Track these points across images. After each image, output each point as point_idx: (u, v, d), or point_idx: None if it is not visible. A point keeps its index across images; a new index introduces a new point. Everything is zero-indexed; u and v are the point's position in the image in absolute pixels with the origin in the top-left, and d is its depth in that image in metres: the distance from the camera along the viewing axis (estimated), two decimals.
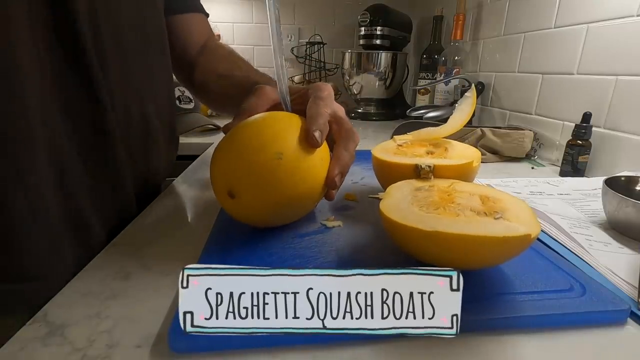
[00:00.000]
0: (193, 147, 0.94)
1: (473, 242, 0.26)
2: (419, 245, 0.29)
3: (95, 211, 0.38)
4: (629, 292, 0.31)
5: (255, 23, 1.49)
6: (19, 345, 0.24)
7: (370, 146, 0.49)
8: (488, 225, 0.27)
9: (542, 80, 0.79)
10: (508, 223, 0.27)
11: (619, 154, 0.61)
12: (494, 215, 0.29)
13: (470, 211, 0.30)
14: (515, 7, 0.88)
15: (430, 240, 0.27)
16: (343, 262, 0.32)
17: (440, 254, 0.28)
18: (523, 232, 0.26)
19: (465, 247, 0.26)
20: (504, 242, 0.26)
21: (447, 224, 0.27)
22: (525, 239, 0.26)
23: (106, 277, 0.31)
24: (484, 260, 0.29)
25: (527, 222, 0.28)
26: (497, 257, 0.28)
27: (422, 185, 0.35)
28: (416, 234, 0.27)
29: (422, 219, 0.28)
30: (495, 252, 0.27)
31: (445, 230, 0.26)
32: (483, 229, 0.26)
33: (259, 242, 0.36)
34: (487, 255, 0.28)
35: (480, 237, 0.25)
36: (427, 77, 1.25)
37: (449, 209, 0.30)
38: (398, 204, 0.31)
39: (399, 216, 0.29)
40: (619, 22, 0.61)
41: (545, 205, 0.48)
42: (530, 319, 0.27)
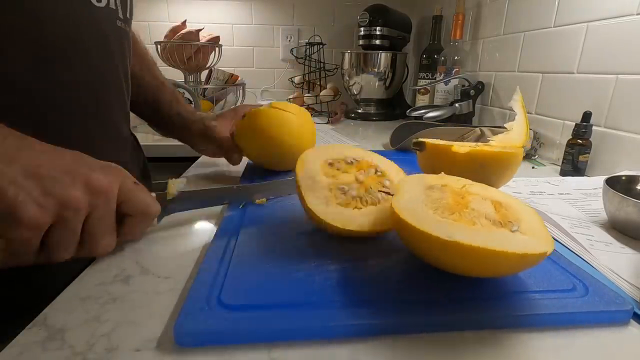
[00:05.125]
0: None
1: (491, 256, 0.26)
2: (433, 252, 0.29)
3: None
4: (631, 292, 0.31)
5: (254, 24, 1.49)
6: (19, 349, 0.24)
7: (370, 146, 0.49)
8: (506, 239, 0.27)
9: (542, 79, 0.79)
10: (526, 238, 0.27)
11: (619, 153, 0.61)
12: (510, 227, 0.28)
13: (485, 219, 0.29)
14: (514, 6, 0.88)
15: (447, 250, 0.26)
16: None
17: (455, 263, 0.28)
18: (541, 250, 0.26)
19: (483, 260, 0.26)
20: (522, 259, 0.26)
21: (466, 235, 0.26)
22: (542, 256, 0.26)
23: (105, 280, 0.31)
24: (497, 272, 0.29)
25: (543, 237, 0.28)
26: (512, 270, 0.29)
27: (434, 183, 0.35)
28: (433, 242, 0.27)
29: (439, 225, 0.27)
30: (511, 267, 0.27)
31: (465, 241, 0.25)
32: (502, 243, 0.26)
33: (260, 241, 0.36)
34: (502, 269, 0.28)
35: (499, 252, 0.25)
36: (426, 77, 1.24)
37: (464, 215, 0.30)
38: (411, 204, 0.30)
39: (415, 219, 0.28)
40: (619, 21, 0.61)
41: (546, 205, 0.48)
42: (533, 318, 0.26)
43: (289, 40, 1.51)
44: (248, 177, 0.58)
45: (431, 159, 0.48)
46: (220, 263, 0.32)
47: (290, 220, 0.42)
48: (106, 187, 0.29)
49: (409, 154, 0.75)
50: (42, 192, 0.26)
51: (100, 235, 0.30)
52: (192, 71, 1.24)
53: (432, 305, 0.27)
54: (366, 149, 0.42)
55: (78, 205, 0.27)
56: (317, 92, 1.38)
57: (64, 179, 0.27)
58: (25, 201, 0.25)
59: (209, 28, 1.38)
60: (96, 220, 0.29)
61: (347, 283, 0.29)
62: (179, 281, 0.31)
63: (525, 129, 0.49)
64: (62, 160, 0.28)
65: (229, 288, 0.28)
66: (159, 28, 1.38)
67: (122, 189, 0.30)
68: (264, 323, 0.25)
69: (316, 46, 1.37)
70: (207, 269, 0.31)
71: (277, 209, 0.45)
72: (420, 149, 0.48)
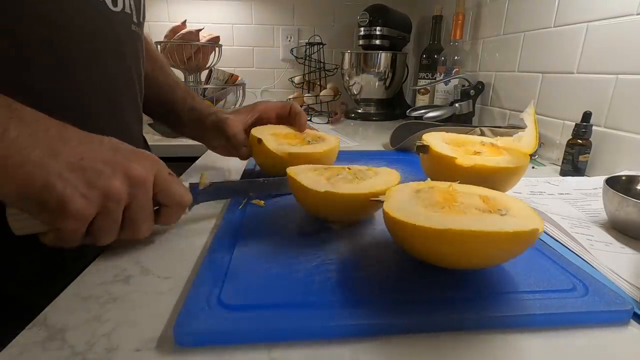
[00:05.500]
0: (194, 148, 0.94)
1: (485, 239, 0.26)
2: (426, 245, 0.29)
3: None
4: (631, 292, 0.31)
5: (254, 24, 1.49)
6: (19, 349, 0.24)
7: (370, 146, 0.49)
8: (497, 221, 0.27)
9: (542, 79, 0.79)
10: (515, 220, 0.28)
11: (619, 153, 0.61)
12: (499, 213, 0.29)
13: (475, 210, 0.30)
14: (514, 6, 0.88)
15: (440, 239, 0.27)
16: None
17: (448, 253, 0.28)
18: (533, 226, 0.26)
19: (476, 244, 0.26)
20: (515, 237, 0.26)
21: (458, 222, 0.27)
22: (534, 234, 0.26)
23: (106, 280, 0.31)
24: (492, 258, 0.29)
25: (532, 217, 0.28)
26: (505, 254, 0.29)
27: (421, 187, 0.36)
28: (425, 233, 0.27)
29: (430, 217, 0.28)
30: (505, 248, 0.28)
31: (457, 227, 0.26)
32: (493, 224, 0.26)
33: (261, 241, 0.36)
34: (496, 253, 0.28)
35: (492, 232, 0.26)
36: (426, 77, 1.24)
37: (454, 208, 0.30)
38: (402, 205, 0.31)
39: (405, 215, 0.29)
40: (619, 21, 0.61)
41: (546, 205, 0.48)
42: (533, 318, 0.26)
43: (289, 40, 1.51)
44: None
45: (435, 164, 0.48)
46: (220, 263, 0.32)
47: (290, 220, 0.42)
48: (144, 178, 0.31)
49: (409, 154, 0.75)
50: (87, 184, 0.28)
51: (141, 221, 0.32)
52: (192, 71, 1.24)
53: (432, 305, 0.27)
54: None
55: (120, 196, 0.29)
56: (317, 92, 1.38)
57: (105, 170, 0.28)
58: (73, 194, 0.27)
59: (209, 28, 1.38)
60: (137, 209, 0.31)
61: (347, 283, 0.29)
62: (179, 281, 0.31)
63: (534, 141, 0.49)
64: (100, 149, 0.30)
65: (229, 288, 0.28)
66: (159, 28, 1.38)
67: (157, 178, 0.32)
68: (264, 323, 0.25)
69: (316, 46, 1.37)
70: (207, 269, 0.31)
71: (277, 209, 0.45)
72: (424, 151, 0.49)
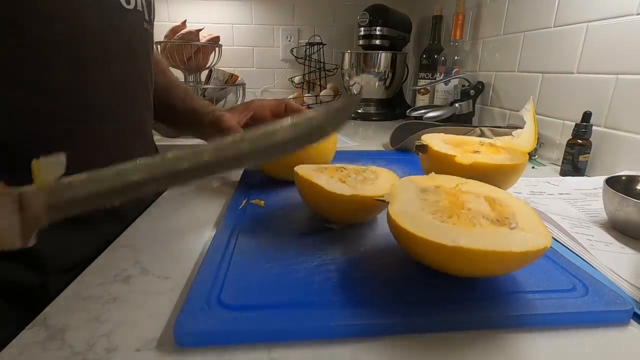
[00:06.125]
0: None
1: (494, 257, 0.26)
2: (435, 258, 0.28)
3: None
4: (631, 292, 0.31)
5: (254, 24, 1.49)
6: (19, 349, 0.24)
7: (370, 146, 0.49)
8: (507, 238, 0.27)
9: (542, 79, 0.79)
10: (525, 235, 0.27)
11: (619, 153, 0.61)
12: (508, 225, 0.29)
13: (483, 219, 0.30)
14: (514, 6, 0.88)
15: (450, 255, 0.26)
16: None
17: (457, 268, 0.28)
18: (542, 245, 0.26)
19: (485, 262, 0.26)
20: (524, 256, 0.26)
21: (468, 238, 0.26)
22: (542, 251, 0.26)
23: (106, 280, 0.31)
24: (499, 271, 0.29)
25: (540, 231, 0.28)
26: (513, 268, 0.29)
27: (427, 184, 0.35)
28: (436, 248, 0.27)
29: (439, 230, 0.27)
30: (513, 265, 0.28)
31: (468, 246, 0.25)
32: (503, 243, 0.26)
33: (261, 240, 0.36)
34: (504, 268, 0.28)
35: (502, 252, 0.25)
36: (426, 77, 1.24)
37: (462, 216, 0.30)
38: (408, 210, 0.30)
39: (414, 226, 0.28)
40: (618, 21, 0.61)
41: (546, 205, 0.48)
42: (533, 318, 0.27)
43: (289, 40, 1.51)
44: (246, 183, 0.55)
45: (434, 164, 0.49)
46: (220, 263, 0.32)
47: (290, 220, 0.42)
48: None
49: (409, 154, 0.75)
50: None
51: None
52: (192, 71, 1.24)
53: (432, 306, 0.27)
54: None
55: None
56: (317, 92, 1.38)
57: None
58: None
59: (209, 28, 1.37)
60: None
61: (347, 283, 0.29)
62: (179, 281, 0.31)
63: (533, 137, 0.49)
64: None
65: (229, 288, 0.28)
66: (159, 28, 1.37)
67: None
68: (264, 323, 0.25)
69: (316, 46, 1.37)
70: (207, 269, 0.31)
71: (276, 208, 0.45)
72: (423, 151, 0.49)
